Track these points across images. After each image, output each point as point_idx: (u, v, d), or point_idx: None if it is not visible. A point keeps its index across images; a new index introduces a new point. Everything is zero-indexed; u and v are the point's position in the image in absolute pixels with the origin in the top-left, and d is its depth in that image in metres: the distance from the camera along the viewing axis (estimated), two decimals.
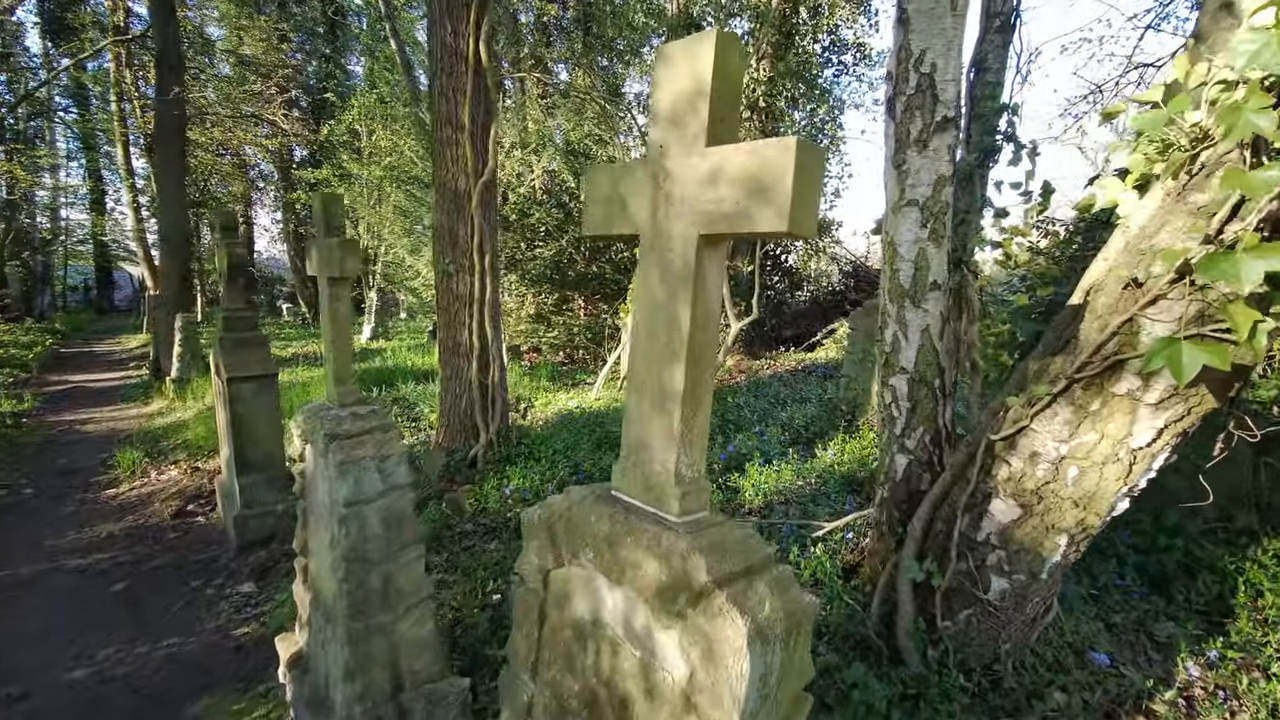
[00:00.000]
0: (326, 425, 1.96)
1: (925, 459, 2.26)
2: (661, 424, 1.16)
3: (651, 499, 1.18)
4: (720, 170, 1.05)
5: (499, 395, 4.28)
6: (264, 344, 3.97)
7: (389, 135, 13.12)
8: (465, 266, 4.09)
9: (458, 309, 4.15)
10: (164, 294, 9.42)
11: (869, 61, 10.89)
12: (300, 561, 2.33)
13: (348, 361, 2.07)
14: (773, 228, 0.98)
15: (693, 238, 1.11)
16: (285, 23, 17.32)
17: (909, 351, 2.17)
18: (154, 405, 8.50)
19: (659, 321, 1.17)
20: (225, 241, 3.86)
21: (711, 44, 1.06)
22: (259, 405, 3.88)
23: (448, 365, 4.25)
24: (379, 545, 1.96)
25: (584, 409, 6.26)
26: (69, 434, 7.24)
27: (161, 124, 9.14)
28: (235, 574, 3.57)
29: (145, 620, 3.17)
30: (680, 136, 1.12)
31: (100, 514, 4.67)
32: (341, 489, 1.89)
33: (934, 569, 2.00)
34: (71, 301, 27.91)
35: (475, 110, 3.98)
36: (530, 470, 3.97)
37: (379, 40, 17.08)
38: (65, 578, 3.62)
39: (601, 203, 1.30)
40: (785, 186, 0.96)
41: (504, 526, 3.61)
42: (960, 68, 1.92)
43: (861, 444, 4.52)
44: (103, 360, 14.03)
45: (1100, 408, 1.51)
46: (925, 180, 1.99)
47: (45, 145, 20.08)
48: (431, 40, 4.03)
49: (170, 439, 6.38)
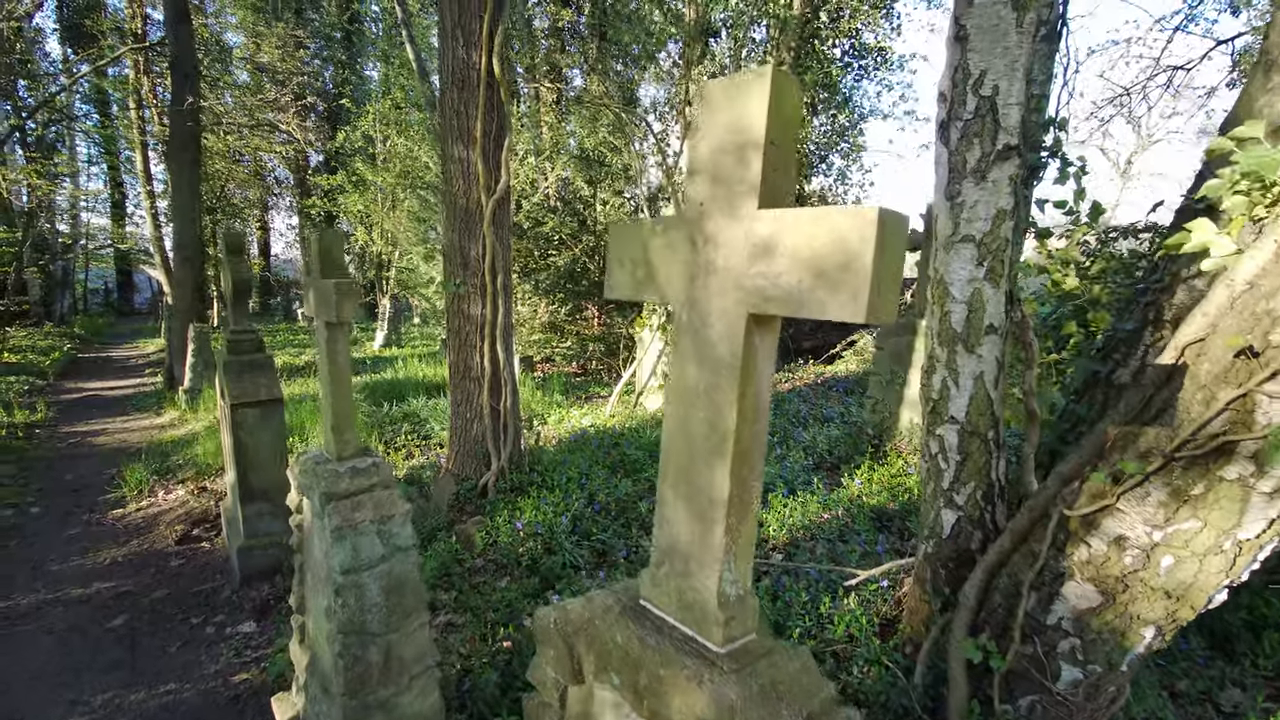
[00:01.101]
0: (324, 482, 1.79)
1: (976, 516, 2.06)
2: (701, 534, 0.98)
3: (690, 620, 0.99)
4: (776, 240, 0.87)
5: (511, 421, 4.11)
6: (269, 367, 3.83)
7: (404, 141, 13.08)
8: (477, 287, 3.93)
9: (469, 331, 4.00)
10: (178, 303, 9.40)
11: (890, 66, 10.65)
12: (297, 619, 2.18)
13: (348, 411, 1.91)
14: (846, 316, 0.79)
15: (739, 317, 0.92)
16: (302, 29, 17.38)
17: (960, 400, 1.97)
18: (165, 416, 8.46)
19: (697, 411, 0.98)
20: (232, 263, 3.73)
21: (765, 84, 0.87)
22: (263, 432, 3.74)
23: (458, 389, 4.10)
24: (380, 615, 1.80)
25: (598, 427, 6.09)
26: (80, 446, 7.20)
27: (176, 133, 9.11)
28: (237, 609, 3.44)
29: (143, 662, 3.04)
30: (725, 195, 0.94)
31: (105, 536, 4.57)
32: (338, 555, 1.72)
33: (992, 648, 1.80)
34: (92, 304, 28.30)
35: (488, 124, 3.82)
36: (543, 502, 3.80)
37: (394, 46, 17.11)
38: (65, 610, 3.51)
39: (627, 265, 1.12)
40: (863, 268, 0.77)
41: (516, 564, 3.44)
42: (1025, 91, 1.72)
43: (890, 471, 4.30)
44: (119, 366, 14.12)
45: (1204, 493, 1.31)
46: (983, 214, 1.79)
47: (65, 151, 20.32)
48: (442, 53, 3.88)
49: (179, 454, 6.29)
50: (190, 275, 9.22)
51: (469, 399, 4.07)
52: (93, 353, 16.34)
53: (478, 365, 4.01)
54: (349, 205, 15.47)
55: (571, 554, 3.43)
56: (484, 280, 3.91)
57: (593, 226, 9.86)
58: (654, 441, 5.10)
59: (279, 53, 15.66)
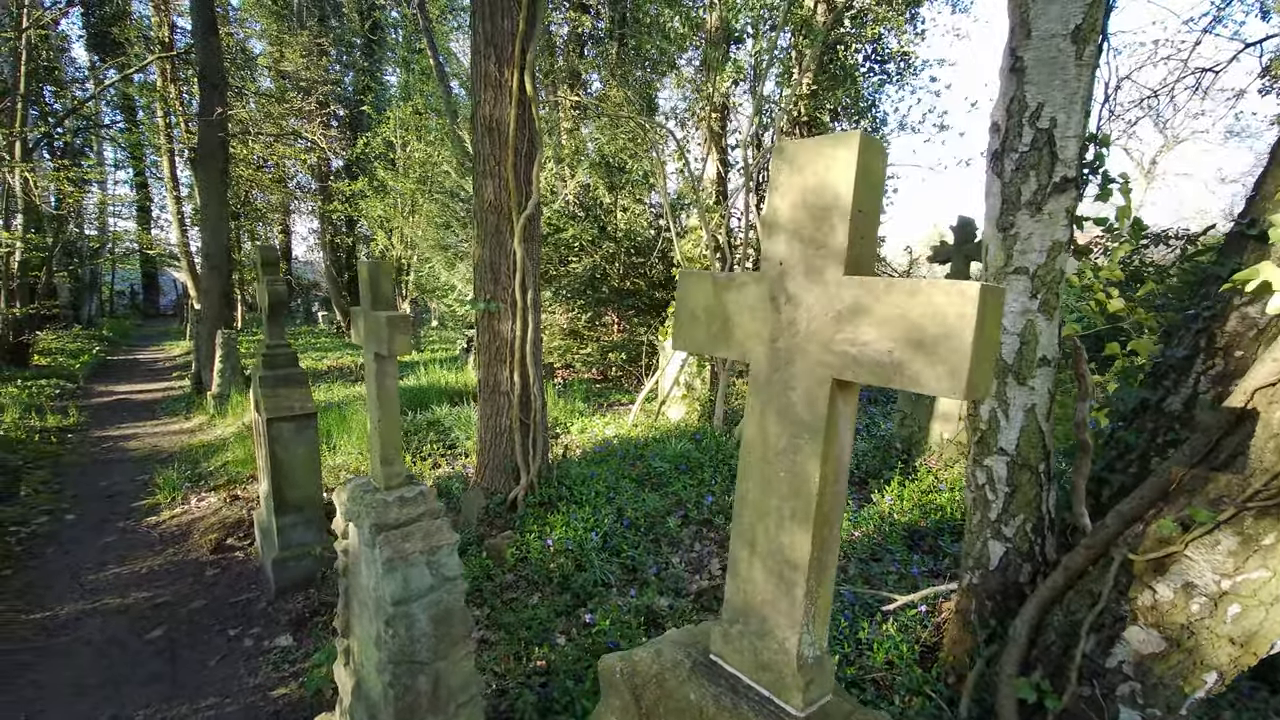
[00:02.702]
0: (373, 513, 1.81)
1: (1025, 549, 2.03)
2: (779, 595, 0.97)
3: (767, 681, 0.99)
4: (862, 309, 0.86)
5: (540, 435, 4.13)
6: (303, 381, 3.89)
7: (423, 146, 13.20)
8: (507, 303, 3.95)
9: (498, 346, 4.02)
10: (206, 310, 9.55)
11: (913, 71, 10.55)
12: (341, 643, 2.20)
13: (397, 441, 1.92)
14: (943, 393, 0.78)
15: (823, 381, 0.91)
16: (324, 37, 17.61)
17: (1010, 432, 1.94)
18: (194, 421, 8.61)
19: (775, 470, 0.98)
20: (268, 278, 3.79)
21: (853, 150, 0.87)
22: (298, 446, 3.79)
23: (488, 403, 4.12)
24: (428, 645, 1.81)
25: (621, 437, 6.09)
26: (112, 451, 7.34)
27: (204, 142, 9.27)
28: (273, 622, 3.48)
29: (184, 675, 3.09)
30: (807, 256, 0.93)
31: (141, 544, 4.66)
32: (389, 586, 1.74)
33: (1046, 687, 1.77)
34: (118, 307, 28.89)
35: (519, 142, 3.84)
36: (572, 517, 3.81)
37: (413, 52, 17.28)
38: (103, 621, 3.58)
39: (699, 319, 1.11)
40: (963, 346, 0.76)
41: (547, 580, 3.45)
42: (1082, 123, 1.69)
43: (920, 487, 4.26)
44: (146, 370, 14.39)
45: (1275, 542, 1.28)
46: (1038, 246, 1.76)
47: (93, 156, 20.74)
48: (474, 72, 3.91)
49: (210, 461, 6.40)
50: (217, 282, 9.37)
51: (498, 413, 4.09)
52: (121, 355, 16.66)
53: (507, 380, 4.03)
54: (369, 210, 15.65)
55: (602, 571, 3.43)
56: (514, 296, 3.93)
57: (613, 233, 9.88)
58: (679, 454, 5.10)
59: (303, 60, 15.89)
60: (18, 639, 3.35)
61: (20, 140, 10.80)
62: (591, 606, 3.16)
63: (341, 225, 21.37)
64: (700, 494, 4.41)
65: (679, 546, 3.88)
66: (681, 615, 3.14)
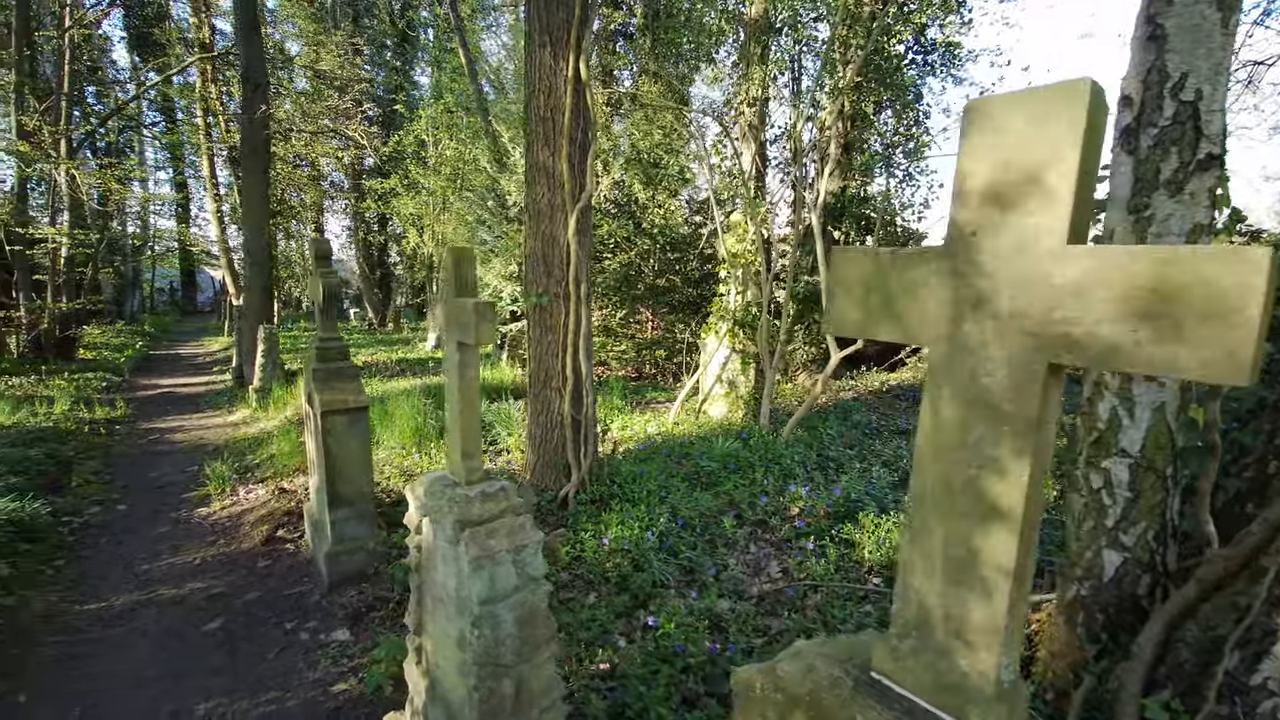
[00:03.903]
0: (456, 508, 1.74)
1: (1145, 559, 1.88)
2: (974, 606, 0.86)
3: (953, 707, 0.88)
4: (1095, 282, 0.74)
5: (590, 431, 4.05)
6: (355, 374, 3.86)
7: (455, 144, 13.27)
8: (559, 296, 3.88)
9: (550, 341, 3.95)
10: (247, 305, 9.69)
11: (958, 62, 10.26)
12: (413, 641, 2.14)
13: (477, 434, 1.85)
14: (1210, 376, 0.67)
15: (1034, 366, 0.80)
16: (359, 37, 17.82)
17: (1134, 432, 1.80)
18: (238, 414, 8.73)
19: (966, 468, 0.87)
20: (321, 271, 3.77)
21: (1081, 102, 0.75)
22: (351, 439, 3.77)
23: (538, 398, 4.06)
24: (513, 647, 1.73)
25: (664, 435, 6.00)
26: (160, 443, 7.47)
27: (247, 141, 9.40)
28: (329, 616, 3.46)
29: (242, 668, 3.07)
30: (1012, 226, 0.82)
31: (193, 534, 4.70)
32: (475, 586, 1.66)
33: (1178, 706, 1.62)
34: (159, 303, 29.69)
35: (574, 130, 3.76)
36: (627, 516, 3.72)
37: (445, 51, 17.40)
38: (159, 612, 3.59)
39: (857, 296, 1.01)
40: (1247, 320, 0.64)
41: (602, 579, 3.37)
42: (1227, 95, 1.54)
43: None
44: (187, 364, 14.70)
45: None
46: (1176, 229, 1.62)
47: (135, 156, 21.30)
48: (529, 59, 3.84)
49: (256, 454, 6.46)
50: (259, 278, 9.50)
51: (548, 409, 4.02)
52: (162, 350, 17.08)
53: (558, 375, 3.96)
54: (401, 208, 15.81)
55: (660, 571, 3.34)
56: (567, 289, 3.86)
57: (649, 230, 9.78)
58: (727, 453, 4.98)
59: (337, 59, 16.10)
60: (73, 630, 3.37)
61: (65, 138, 11.08)
62: (653, 609, 3.06)
63: (374, 223, 21.65)
64: (753, 494, 4.29)
65: (734, 548, 3.78)
66: (745, 619, 3.04)
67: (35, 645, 3.18)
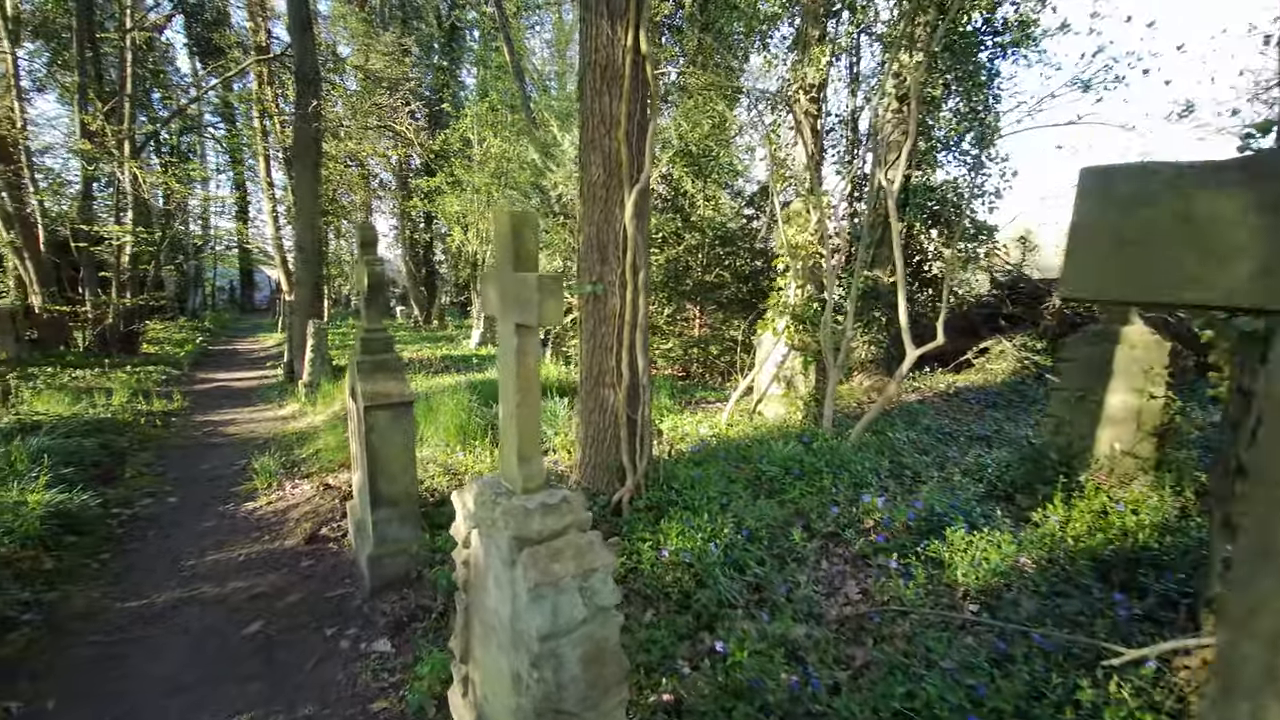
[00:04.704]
0: (511, 523, 1.46)
1: None
2: None
3: None
4: None
5: (647, 432, 3.75)
6: (401, 368, 3.66)
7: (499, 141, 13.23)
8: (615, 285, 3.59)
9: (604, 333, 3.67)
10: (298, 301, 9.77)
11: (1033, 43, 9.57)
12: (459, 669, 1.88)
13: (537, 434, 1.57)
14: None
15: None
16: (408, 37, 18.04)
17: None
18: (287, 408, 8.79)
19: None
20: (366, 258, 3.58)
21: None
22: (394, 435, 3.57)
23: (590, 396, 3.78)
24: (578, 692, 1.44)
25: (718, 437, 5.66)
26: (213, 435, 7.54)
27: (299, 138, 9.48)
28: (370, 623, 3.26)
29: (279, 677, 2.89)
30: None
31: (238, 530, 4.61)
32: (535, 618, 1.38)
33: None
34: (219, 301, 30.90)
35: (633, 106, 3.47)
36: (687, 524, 3.41)
37: (490, 50, 17.45)
38: (201, 611, 3.46)
39: (1133, 243, 0.67)
40: None
41: (662, 595, 3.06)
42: None
43: (1091, 507, 3.61)
44: (243, 359, 15.09)
45: None
46: None
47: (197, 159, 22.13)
48: (584, 31, 3.57)
49: (302, 448, 6.41)
50: (309, 274, 9.57)
51: (602, 407, 3.74)
52: (220, 345, 17.64)
53: (613, 370, 3.67)
54: (446, 206, 15.89)
55: (726, 589, 3.01)
56: (624, 277, 3.57)
57: (698, 224, 9.44)
58: (789, 457, 4.61)
59: (386, 60, 16.31)
60: (114, 628, 3.26)
61: (128, 139, 11.42)
62: (720, 632, 2.74)
63: (420, 221, 21.94)
64: (822, 503, 3.92)
65: (804, 563, 3.42)
66: (824, 647, 2.68)
67: (72, 645, 3.07)
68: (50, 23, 12.05)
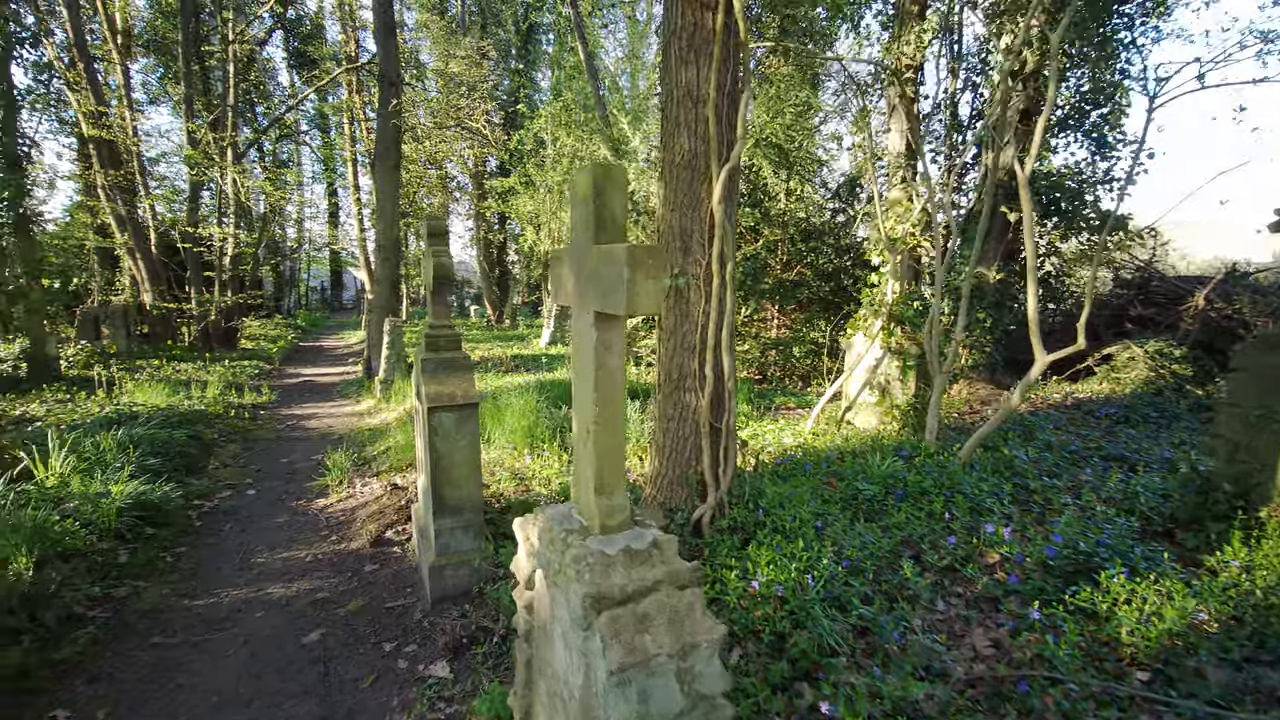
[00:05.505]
0: (586, 574, 1.10)
1: None
2: None
3: None
4: None
5: (731, 443, 3.35)
6: (469, 366, 3.42)
7: (571, 140, 13.14)
8: (700, 278, 3.21)
9: (686, 331, 3.29)
10: (377, 299, 9.96)
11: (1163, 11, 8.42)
12: None
13: (619, 456, 1.21)
14: None
15: None
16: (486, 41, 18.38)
17: None
18: (364, 404, 8.94)
19: None
20: (434, 250, 3.37)
21: None
22: (460, 438, 3.33)
23: (669, 401, 3.41)
24: None
25: (804, 448, 5.16)
26: (295, 429, 7.72)
27: (382, 138, 9.66)
28: (429, 641, 3.02)
29: (335, 694, 2.69)
30: None
31: (309, 527, 4.55)
32: (618, 707, 1.02)
33: None
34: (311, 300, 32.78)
35: (723, 77, 3.08)
36: (779, 551, 2.97)
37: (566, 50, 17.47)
38: (265, 615, 3.34)
39: None
40: None
41: (751, 634, 2.64)
42: None
43: (1278, 549, 2.90)
44: (329, 355, 15.75)
45: None
46: None
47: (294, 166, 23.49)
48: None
49: (375, 445, 6.40)
50: (388, 273, 9.73)
51: (682, 414, 3.37)
52: (309, 342, 18.54)
53: (695, 373, 3.29)
54: (519, 206, 15.99)
55: (828, 632, 2.56)
56: (710, 269, 3.18)
57: (778, 219, 8.89)
58: (888, 474, 4.07)
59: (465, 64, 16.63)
60: (177, 629, 3.17)
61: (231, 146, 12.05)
62: (826, 689, 2.30)
63: (494, 222, 22.34)
64: (934, 530, 3.38)
65: (916, 602, 2.90)
66: (953, 713, 2.19)
67: (134, 649, 2.99)
68: (162, 38, 12.93)
